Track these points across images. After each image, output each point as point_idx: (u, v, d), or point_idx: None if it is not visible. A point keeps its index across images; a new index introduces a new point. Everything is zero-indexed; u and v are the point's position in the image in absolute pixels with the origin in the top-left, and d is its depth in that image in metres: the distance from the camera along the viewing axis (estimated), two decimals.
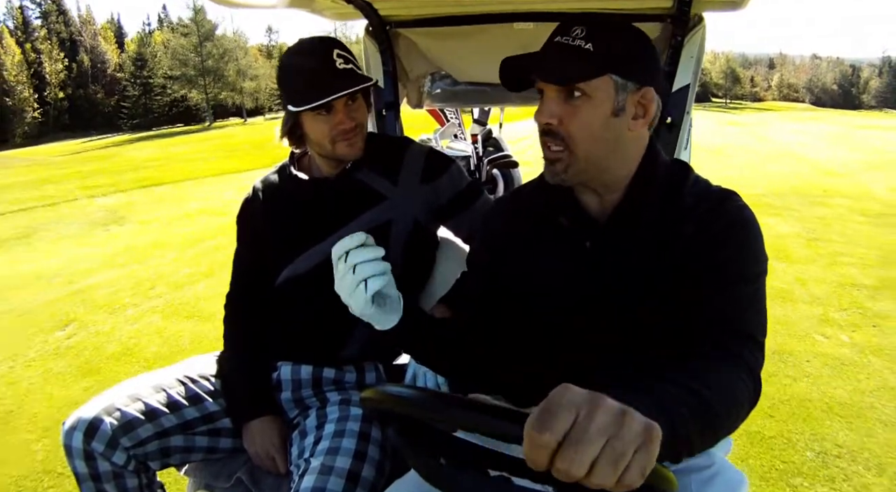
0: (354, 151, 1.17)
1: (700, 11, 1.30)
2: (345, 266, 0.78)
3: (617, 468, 0.43)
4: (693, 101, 1.36)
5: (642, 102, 0.81)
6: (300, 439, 1.13)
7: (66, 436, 1.03)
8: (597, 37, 0.77)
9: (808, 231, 5.27)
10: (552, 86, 0.79)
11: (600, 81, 0.77)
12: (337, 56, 1.10)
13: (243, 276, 1.32)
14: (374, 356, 1.27)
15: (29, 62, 39.80)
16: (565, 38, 0.78)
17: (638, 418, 0.46)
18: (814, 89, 76.00)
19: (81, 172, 12.66)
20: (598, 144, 0.80)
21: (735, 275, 0.77)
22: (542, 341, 0.90)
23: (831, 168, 9.72)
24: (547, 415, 0.45)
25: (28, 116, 38.27)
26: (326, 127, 1.13)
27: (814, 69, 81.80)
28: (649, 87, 0.81)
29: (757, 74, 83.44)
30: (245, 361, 1.22)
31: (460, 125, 4.87)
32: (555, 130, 0.80)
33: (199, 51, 34.09)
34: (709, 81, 69.24)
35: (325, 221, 1.21)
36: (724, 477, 0.83)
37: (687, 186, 0.85)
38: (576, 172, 0.81)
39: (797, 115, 35.86)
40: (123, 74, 42.04)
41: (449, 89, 1.85)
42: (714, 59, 72.64)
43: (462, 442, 0.65)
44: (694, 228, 0.80)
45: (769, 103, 68.19)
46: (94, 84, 43.13)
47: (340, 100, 1.11)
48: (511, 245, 0.94)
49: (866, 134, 18.08)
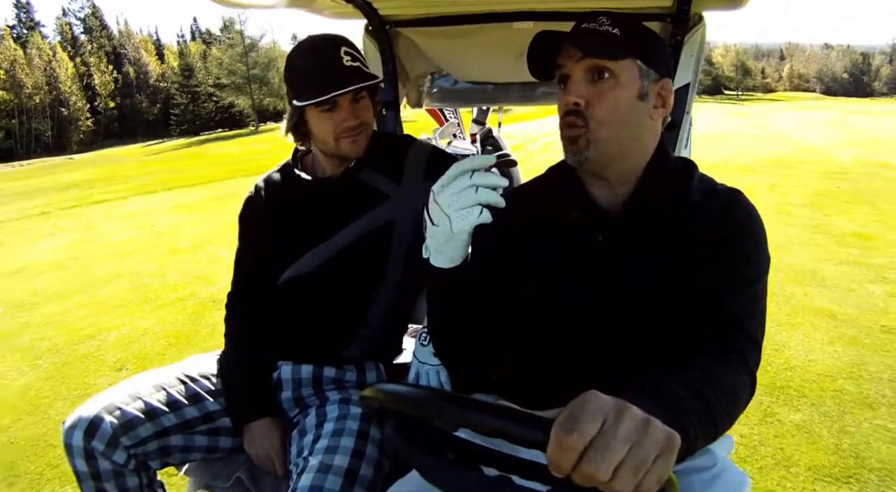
0: (357, 148, 1.16)
1: (700, 10, 1.30)
2: (468, 182, 0.74)
3: (637, 475, 0.44)
4: (693, 100, 1.37)
5: (662, 93, 0.83)
6: (299, 438, 1.12)
7: (66, 435, 1.03)
8: (622, 24, 0.80)
9: (772, 182, 7.51)
10: (580, 66, 0.80)
11: (627, 63, 0.79)
12: (344, 53, 1.11)
13: (245, 275, 1.32)
14: (375, 356, 1.27)
15: (80, 75, 43.19)
16: (592, 25, 0.81)
17: (660, 427, 0.47)
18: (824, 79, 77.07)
19: (199, 163, 15.22)
20: (622, 127, 0.81)
21: (742, 276, 0.80)
22: (549, 336, 0.90)
23: (812, 146, 11.85)
24: (574, 420, 0.46)
25: (82, 125, 41.59)
26: (331, 124, 1.13)
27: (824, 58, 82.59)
28: (668, 79, 0.83)
29: (768, 65, 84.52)
30: (246, 362, 1.22)
31: (459, 125, 4.90)
32: (580, 111, 0.80)
33: (245, 60, 37.02)
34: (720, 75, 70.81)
35: (327, 220, 1.21)
36: (726, 477, 0.82)
37: (694, 183, 0.86)
38: (597, 151, 0.81)
39: (804, 104, 37.60)
40: (165, 84, 45.54)
41: (448, 89, 1.85)
42: (725, 52, 74.12)
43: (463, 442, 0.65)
44: (704, 226, 0.81)
45: (779, 94, 69.47)
46: (138, 94, 46.60)
47: (346, 97, 1.11)
48: (516, 241, 0.93)
49: (859, 119, 20.02)
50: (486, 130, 4.62)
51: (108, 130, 43.96)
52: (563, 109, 0.82)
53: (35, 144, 39.52)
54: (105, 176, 14.39)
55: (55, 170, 19.75)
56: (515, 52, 1.31)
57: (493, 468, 0.62)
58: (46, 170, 20.51)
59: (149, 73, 48.03)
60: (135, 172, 14.67)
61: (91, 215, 7.92)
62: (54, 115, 40.36)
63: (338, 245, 1.19)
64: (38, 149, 38.93)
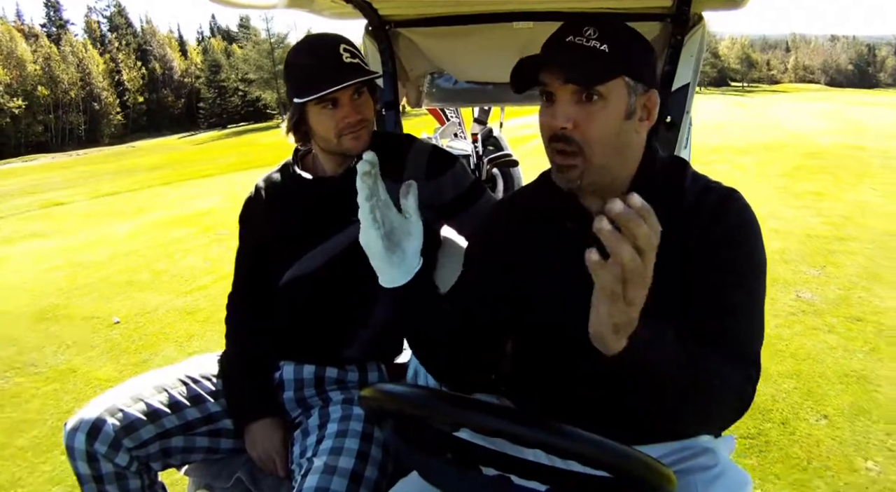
0: (360, 144, 1.16)
1: (699, 11, 1.31)
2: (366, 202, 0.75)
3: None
4: (693, 99, 1.37)
5: (647, 105, 0.81)
6: (302, 439, 1.13)
7: (68, 437, 1.03)
8: (610, 38, 0.76)
9: (759, 160, 9.25)
10: (567, 88, 0.77)
11: (616, 83, 0.77)
12: (343, 50, 1.12)
13: (245, 275, 1.33)
14: (377, 356, 1.28)
15: (109, 71, 45.20)
16: (578, 39, 0.77)
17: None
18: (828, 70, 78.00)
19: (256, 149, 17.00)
20: (612, 150, 0.80)
21: (738, 274, 0.79)
22: (549, 338, 0.90)
23: (800, 133, 13.51)
24: None
25: (113, 119, 43.64)
26: (332, 121, 1.14)
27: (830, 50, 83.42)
28: (654, 90, 0.82)
29: (774, 57, 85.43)
30: (247, 362, 1.23)
31: (460, 124, 4.91)
32: (569, 136, 0.78)
33: (272, 56, 38.86)
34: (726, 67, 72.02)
35: (328, 220, 1.21)
36: (727, 478, 0.82)
37: (686, 184, 0.85)
38: (591, 178, 0.80)
39: (806, 95, 38.89)
40: (189, 79, 47.59)
41: (449, 88, 1.85)
42: (731, 44, 75.25)
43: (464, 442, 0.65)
44: (699, 226, 0.80)
45: (783, 86, 70.59)
46: (164, 89, 48.59)
47: (346, 93, 1.12)
48: (512, 248, 0.92)
49: (856, 109, 21.33)
50: (487, 129, 4.71)
51: (137, 123, 46.15)
52: (548, 132, 0.80)
53: (69, 137, 41.58)
54: (178, 160, 16.32)
55: (124, 157, 21.82)
56: (515, 52, 1.35)
57: (492, 468, 0.63)
58: (116, 157, 22.50)
59: (173, 69, 50.40)
60: (202, 157, 16.52)
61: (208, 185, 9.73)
62: (87, 109, 42.40)
63: (338, 245, 1.20)
64: (72, 142, 40.99)
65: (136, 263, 5.02)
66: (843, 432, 2.17)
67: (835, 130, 14.26)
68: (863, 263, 4.08)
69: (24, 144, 38.57)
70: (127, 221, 6.95)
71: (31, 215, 8.19)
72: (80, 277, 4.67)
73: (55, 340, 3.39)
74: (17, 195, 11.39)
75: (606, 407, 0.82)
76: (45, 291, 4.31)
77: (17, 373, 2.98)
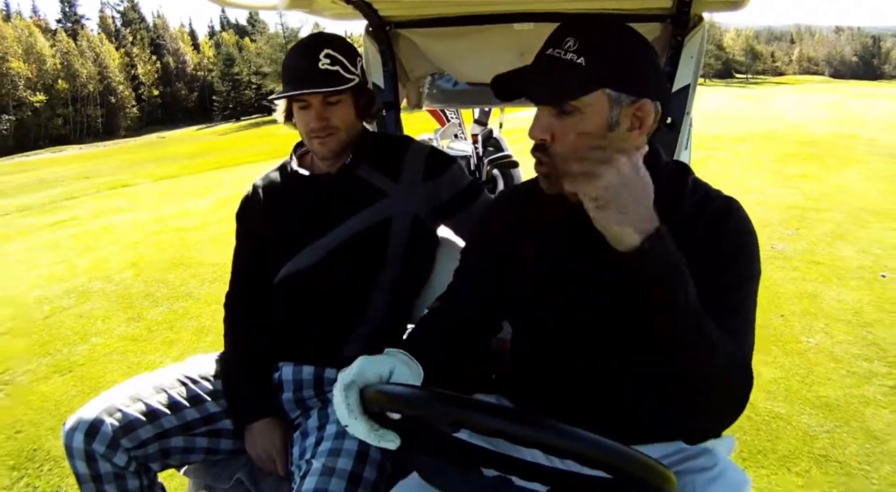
0: (324, 150, 1.20)
1: (700, 11, 1.31)
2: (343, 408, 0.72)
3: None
4: (693, 100, 1.37)
5: (638, 115, 0.79)
6: (301, 440, 1.13)
7: (66, 437, 1.03)
8: (589, 49, 0.75)
9: (755, 148, 10.14)
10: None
11: (592, 97, 0.76)
12: (324, 56, 1.13)
13: (243, 274, 1.34)
14: None
15: (124, 65, 46.23)
16: (557, 51, 0.77)
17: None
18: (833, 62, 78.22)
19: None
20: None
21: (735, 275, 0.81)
22: (549, 337, 0.90)
23: (797, 123, 14.26)
24: None
25: (129, 112, 44.72)
26: (303, 123, 1.20)
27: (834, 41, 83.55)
28: (645, 99, 0.78)
29: (778, 49, 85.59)
30: (246, 362, 1.23)
31: (461, 125, 4.94)
32: (547, 147, 0.79)
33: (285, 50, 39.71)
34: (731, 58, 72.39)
35: (325, 216, 1.23)
36: (727, 478, 0.82)
37: (686, 192, 0.85)
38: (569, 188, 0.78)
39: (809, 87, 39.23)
40: (202, 72, 48.65)
41: (449, 89, 1.87)
42: (736, 36, 75.58)
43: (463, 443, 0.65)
44: (697, 235, 0.80)
45: (788, 78, 70.65)
46: (177, 82, 49.63)
47: (317, 98, 1.15)
48: (509, 247, 0.93)
49: (857, 101, 21.70)
50: (487, 130, 4.71)
51: (152, 116, 47.20)
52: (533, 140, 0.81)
53: (87, 130, 42.64)
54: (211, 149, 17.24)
55: (156, 147, 22.80)
56: (515, 52, 1.32)
57: (493, 469, 0.64)
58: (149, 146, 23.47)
59: (186, 63, 51.50)
60: (232, 146, 17.38)
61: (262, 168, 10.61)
62: (104, 102, 43.45)
63: (335, 241, 1.22)
64: (90, 134, 41.97)
65: (229, 227, 5.93)
66: (793, 324, 3.14)
67: (832, 120, 14.97)
68: (832, 228, 5.01)
69: (44, 137, 39.67)
70: (202, 198, 7.92)
71: (104, 195, 9.14)
72: (187, 237, 5.62)
73: (197, 278, 4.36)
74: (74, 180, 12.36)
75: (606, 407, 0.85)
76: (162, 248, 5.24)
77: (178, 300, 3.97)
